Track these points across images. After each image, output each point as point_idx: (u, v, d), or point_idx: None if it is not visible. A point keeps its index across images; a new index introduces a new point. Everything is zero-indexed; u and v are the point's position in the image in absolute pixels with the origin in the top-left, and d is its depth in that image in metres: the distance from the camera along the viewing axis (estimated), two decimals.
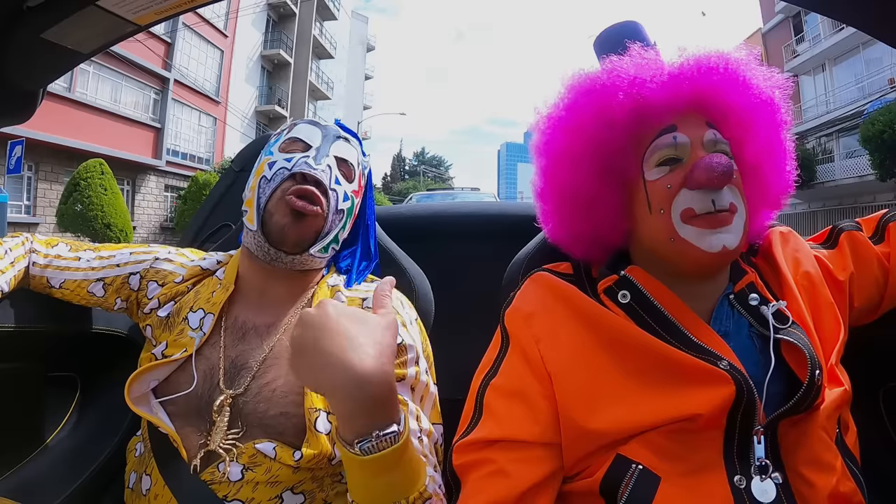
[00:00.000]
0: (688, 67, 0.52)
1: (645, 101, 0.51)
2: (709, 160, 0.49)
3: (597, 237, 0.57)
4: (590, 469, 0.49)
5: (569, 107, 0.55)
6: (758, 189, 0.56)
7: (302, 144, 0.65)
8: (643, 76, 0.52)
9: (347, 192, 0.65)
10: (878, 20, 0.48)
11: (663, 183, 0.51)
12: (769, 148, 0.55)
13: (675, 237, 0.50)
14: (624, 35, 0.59)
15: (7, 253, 0.63)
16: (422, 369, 0.60)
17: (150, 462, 0.57)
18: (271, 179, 0.62)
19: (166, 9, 0.54)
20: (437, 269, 0.85)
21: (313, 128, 0.67)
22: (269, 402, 0.56)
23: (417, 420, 0.55)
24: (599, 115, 0.52)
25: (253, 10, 16.30)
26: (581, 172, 0.54)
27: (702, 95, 0.52)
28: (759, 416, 0.46)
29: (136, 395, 0.56)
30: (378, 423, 0.40)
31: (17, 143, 7.00)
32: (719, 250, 0.49)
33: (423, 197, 8.46)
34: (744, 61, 0.53)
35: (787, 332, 0.49)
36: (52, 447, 0.72)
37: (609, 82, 0.53)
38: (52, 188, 10.60)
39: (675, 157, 0.52)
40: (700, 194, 0.49)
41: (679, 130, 0.52)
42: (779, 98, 0.55)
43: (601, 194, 0.54)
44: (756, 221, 0.58)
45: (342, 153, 0.66)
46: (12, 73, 0.55)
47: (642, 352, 0.49)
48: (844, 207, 13.22)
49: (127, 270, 0.66)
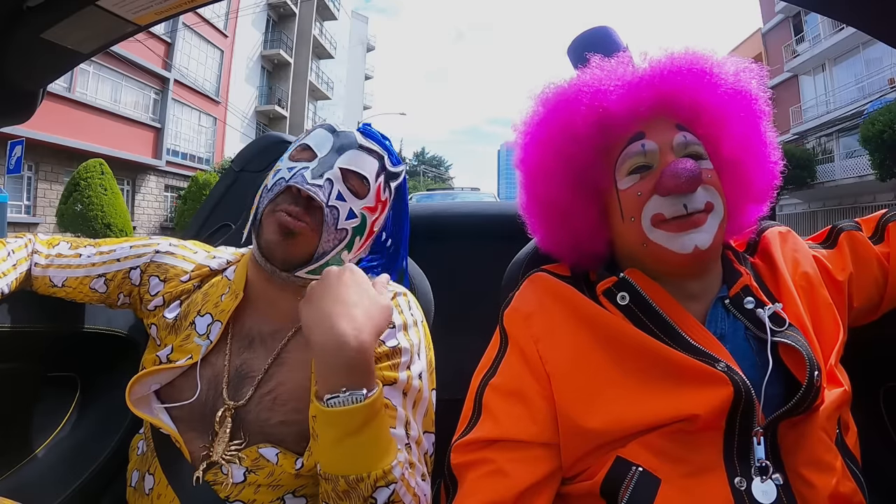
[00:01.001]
0: (649, 73, 0.52)
1: (607, 111, 0.51)
2: (674, 166, 0.49)
3: (578, 246, 0.57)
4: (590, 471, 0.49)
5: (539, 121, 0.56)
6: (739, 183, 0.55)
7: (309, 153, 0.61)
8: (604, 87, 0.52)
9: (355, 209, 0.60)
10: (877, 20, 0.48)
11: (634, 191, 0.52)
12: (747, 141, 0.54)
13: (646, 242, 0.51)
14: (595, 41, 0.59)
15: (10, 255, 0.63)
16: (414, 374, 0.58)
17: (153, 462, 0.57)
18: (270, 189, 0.59)
19: (166, 9, 0.54)
20: (437, 269, 0.85)
21: (327, 134, 0.62)
22: (271, 410, 0.56)
23: (406, 427, 0.54)
24: (564, 129, 0.53)
25: (253, 11, 16.29)
26: (554, 186, 0.55)
27: (666, 98, 0.52)
28: (758, 417, 0.46)
29: (136, 396, 0.56)
30: (349, 384, 0.45)
31: (17, 143, 7.00)
32: (691, 251, 0.49)
33: (423, 197, 8.46)
34: (708, 57, 0.53)
35: (785, 335, 0.49)
36: (52, 447, 0.72)
37: (572, 95, 0.53)
38: (51, 188, 10.60)
39: (645, 164, 0.52)
40: (671, 199, 0.50)
41: (647, 137, 0.52)
42: (755, 89, 0.54)
43: (575, 206, 0.55)
44: (741, 216, 0.57)
45: (354, 165, 0.60)
46: (12, 73, 0.55)
47: (640, 352, 0.49)
48: (844, 207, 13.22)
49: (127, 265, 0.65)
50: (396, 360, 0.57)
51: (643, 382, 0.48)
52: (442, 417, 0.61)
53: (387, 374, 0.55)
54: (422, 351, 0.61)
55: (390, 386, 0.55)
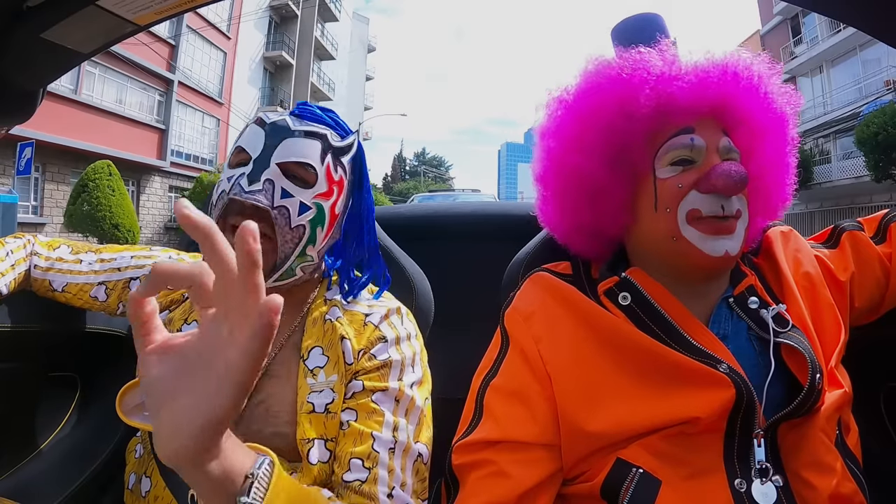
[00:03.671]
0: (715, 71, 0.51)
1: (669, 98, 0.50)
2: (727, 167, 0.49)
3: (596, 228, 0.56)
4: (590, 472, 0.49)
5: (585, 92, 0.54)
6: (758, 198, 0.55)
7: (244, 156, 0.56)
8: (670, 73, 0.51)
9: (306, 200, 0.55)
10: (877, 20, 0.47)
11: (674, 182, 0.51)
12: (774, 161, 0.56)
13: (677, 236, 0.50)
14: (645, 27, 0.58)
15: (8, 255, 0.63)
16: (406, 383, 0.56)
17: (150, 464, 0.57)
18: (216, 205, 0.55)
19: (166, 9, 0.54)
20: (437, 269, 0.84)
21: (257, 130, 0.56)
22: (264, 421, 0.54)
23: (394, 432, 0.53)
24: (621, 105, 0.51)
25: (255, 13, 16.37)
26: (590, 160, 0.53)
27: (723, 101, 0.52)
28: (758, 419, 0.46)
29: (128, 406, 0.55)
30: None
31: (27, 144, 7.08)
32: (721, 255, 0.49)
33: (423, 198, 8.47)
34: (766, 73, 0.53)
35: (788, 336, 0.49)
36: (51, 447, 0.72)
37: (635, 74, 0.52)
38: (58, 189, 10.66)
39: (689, 158, 0.51)
40: (711, 198, 0.49)
41: (696, 133, 0.51)
42: (790, 114, 0.56)
43: (608, 185, 0.53)
44: (752, 228, 0.57)
45: (291, 155, 0.55)
46: (12, 73, 0.55)
47: (641, 354, 0.49)
48: (841, 208, 13.15)
49: (128, 275, 0.65)
50: (387, 371, 0.56)
51: (644, 384, 0.48)
52: (442, 417, 0.61)
53: (377, 385, 0.54)
54: (416, 363, 0.59)
55: (382, 392, 0.54)
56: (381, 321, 0.59)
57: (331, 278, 0.65)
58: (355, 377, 0.55)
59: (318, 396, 0.54)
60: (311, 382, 0.55)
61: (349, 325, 0.58)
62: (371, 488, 0.49)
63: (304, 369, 0.56)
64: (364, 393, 0.54)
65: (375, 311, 0.60)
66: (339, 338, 0.57)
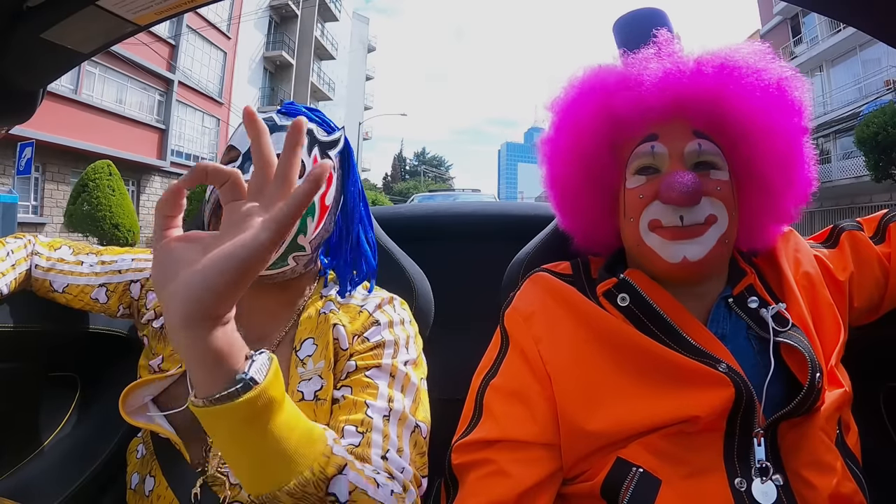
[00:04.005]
0: (672, 71, 0.49)
1: (615, 111, 0.51)
2: (670, 180, 0.48)
3: (590, 231, 0.59)
4: (590, 472, 0.49)
5: (563, 106, 0.56)
6: (764, 201, 0.52)
7: (234, 153, 0.58)
8: (610, 86, 0.51)
9: None
10: (877, 20, 0.47)
11: (637, 192, 0.52)
12: (781, 158, 0.50)
13: (640, 243, 0.51)
14: (644, 22, 0.56)
15: (9, 255, 0.63)
16: (400, 361, 0.56)
17: (153, 464, 0.57)
18: (209, 200, 0.57)
19: (166, 9, 0.54)
20: (437, 269, 0.84)
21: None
22: None
23: (389, 402, 0.52)
24: (578, 122, 0.53)
25: (255, 13, 16.37)
26: (567, 171, 0.56)
27: (681, 103, 0.49)
28: (758, 418, 0.46)
29: (132, 407, 0.55)
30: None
31: (27, 144, 7.08)
32: (679, 261, 0.49)
33: (423, 198, 8.48)
34: (744, 61, 0.49)
35: (787, 335, 0.48)
36: (52, 447, 0.73)
37: (579, 92, 0.53)
38: (58, 189, 10.67)
39: (652, 166, 0.51)
40: (671, 208, 0.49)
41: (660, 139, 0.51)
42: (796, 102, 0.50)
43: (584, 196, 0.56)
44: (759, 232, 0.55)
45: (279, 149, 0.54)
46: (12, 73, 0.55)
47: (641, 355, 0.49)
48: (841, 208, 13.16)
49: (128, 278, 0.65)
50: (380, 351, 0.57)
51: (644, 384, 0.48)
52: (442, 417, 0.61)
53: (370, 363, 0.55)
54: (410, 345, 0.60)
55: (376, 368, 0.55)
56: (375, 309, 0.61)
57: (327, 276, 0.66)
58: (349, 360, 0.56)
59: (307, 385, 0.55)
60: (301, 371, 0.56)
61: (344, 315, 0.60)
62: (364, 451, 0.48)
63: (295, 360, 0.57)
64: (358, 371, 0.55)
65: (370, 301, 0.62)
66: (330, 326, 0.58)
